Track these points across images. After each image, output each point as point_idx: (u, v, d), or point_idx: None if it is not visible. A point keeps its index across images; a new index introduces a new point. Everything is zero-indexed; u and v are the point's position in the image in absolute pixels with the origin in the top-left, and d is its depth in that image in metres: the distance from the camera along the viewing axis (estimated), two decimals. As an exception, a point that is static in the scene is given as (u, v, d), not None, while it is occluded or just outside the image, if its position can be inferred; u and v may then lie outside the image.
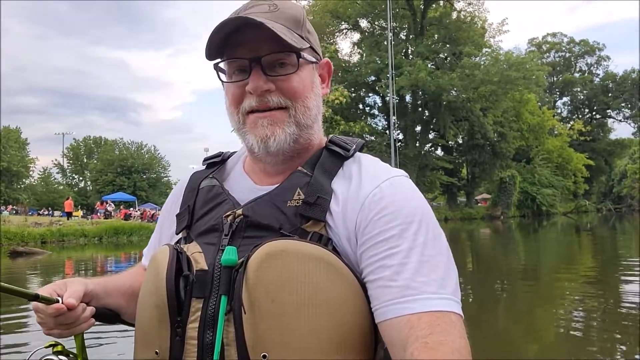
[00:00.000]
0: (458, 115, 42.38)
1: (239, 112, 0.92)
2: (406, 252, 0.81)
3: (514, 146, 47.16)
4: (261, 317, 0.77)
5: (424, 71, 36.94)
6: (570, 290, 8.09)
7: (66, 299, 0.89)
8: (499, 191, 45.93)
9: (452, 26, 42.00)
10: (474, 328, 5.45)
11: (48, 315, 0.89)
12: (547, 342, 5.10)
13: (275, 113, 0.90)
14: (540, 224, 35.34)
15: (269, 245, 0.80)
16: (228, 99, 0.94)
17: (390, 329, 0.78)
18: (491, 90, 38.19)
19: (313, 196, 0.86)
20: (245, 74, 0.90)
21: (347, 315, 0.79)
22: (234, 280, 0.80)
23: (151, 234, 1.15)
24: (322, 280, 0.78)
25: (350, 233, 0.85)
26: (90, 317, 0.94)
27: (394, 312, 0.78)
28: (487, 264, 12.98)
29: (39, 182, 57.56)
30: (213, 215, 0.91)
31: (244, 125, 0.93)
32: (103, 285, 0.99)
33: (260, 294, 0.78)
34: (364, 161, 0.94)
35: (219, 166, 1.04)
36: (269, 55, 0.89)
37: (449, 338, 0.74)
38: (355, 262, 0.84)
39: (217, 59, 0.93)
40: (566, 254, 14.82)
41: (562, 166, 54.73)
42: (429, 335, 0.73)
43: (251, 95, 0.90)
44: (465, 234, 26.31)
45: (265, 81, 0.89)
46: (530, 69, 39.07)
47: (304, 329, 0.77)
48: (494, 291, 8.45)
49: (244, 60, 0.89)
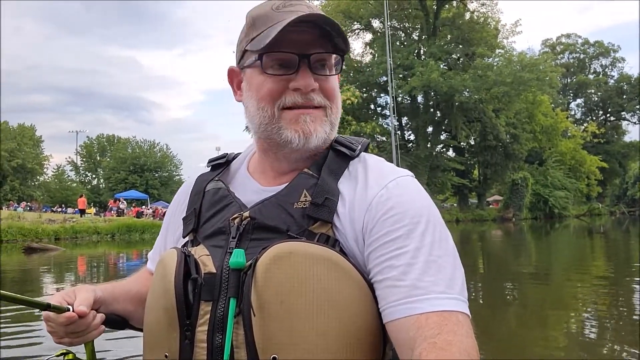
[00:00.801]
0: (470, 116, 42.18)
1: (275, 107, 0.90)
2: (413, 252, 0.81)
3: (527, 148, 46.82)
4: (271, 319, 0.78)
5: (436, 72, 36.80)
6: (582, 293, 8.04)
7: (77, 307, 0.89)
8: (511, 193, 45.58)
9: (465, 27, 41.79)
10: (485, 329, 5.45)
11: (59, 325, 0.89)
12: (558, 344, 5.08)
13: (315, 111, 0.91)
14: (552, 226, 35.05)
15: (277, 247, 0.81)
16: (262, 92, 0.91)
17: (398, 329, 0.78)
18: (504, 92, 37.96)
19: (321, 197, 0.86)
20: (287, 69, 0.89)
21: (355, 316, 0.80)
22: (242, 282, 0.80)
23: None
24: (330, 282, 0.79)
25: (357, 234, 0.86)
26: (100, 325, 0.94)
27: (401, 312, 0.78)
28: (498, 266, 12.92)
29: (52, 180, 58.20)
30: (220, 218, 0.92)
31: (278, 120, 0.90)
32: (111, 291, 1.00)
33: (270, 296, 0.78)
34: (369, 161, 0.94)
35: (224, 168, 1.05)
36: (318, 54, 0.90)
37: (457, 338, 0.74)
38: (362, 262, 0.85)
39: (259, 49, 0.89)
40: (578, 256, 14.70)
41: (575, 168, 54.21)
42: (437, 335, 0.73)
43: (295, 91, 0.90)
44: (476, 236, 26.20)
45: (313, 79, 0.90)
46: (544, 70, 38.78)
47: (313, 330, 0.77)
48: (504, 293, 8.42)
49: (290, 55, 0.89)
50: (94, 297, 0.93)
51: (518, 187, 44.75)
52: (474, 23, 42.26)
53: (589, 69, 72.32)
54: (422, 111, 42.46)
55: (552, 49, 69.18)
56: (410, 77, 38.28)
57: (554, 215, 47.54)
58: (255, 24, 0.92)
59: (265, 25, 0.89)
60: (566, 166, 52.39)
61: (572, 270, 11.27)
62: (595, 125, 64.16)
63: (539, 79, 38.36)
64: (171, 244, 1.05)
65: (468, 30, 41.75)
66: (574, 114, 72.42)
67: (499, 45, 42.96)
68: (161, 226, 1.13)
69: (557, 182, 49.02)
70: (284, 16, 0.88)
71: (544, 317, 6.41)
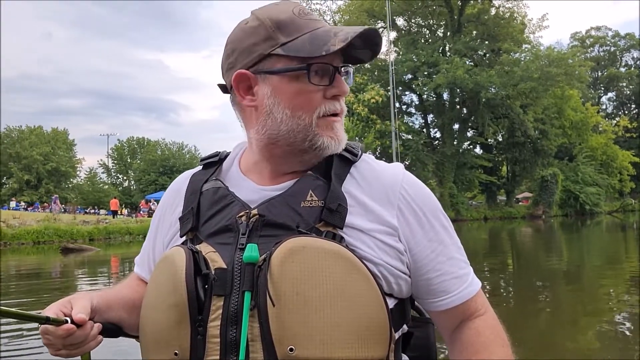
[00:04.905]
0: (497, 112, 41.65)
1: (314, 115, 0.92)
2: (449, 242, 0.95)
3: (556, 144, 45.98)
4: (287, 311, 0.80)
5: (462, 68, 36.47)
6: (615, 292, 7.96)
7: (76, 315, 0.87)
8: (541, 190, 44.77)
9: (490, 22, 41.29)
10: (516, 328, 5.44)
11: (57, 337, 0.87)
12: (590, 343, 5.06)
13: (340, 118, 0.97)
14: (583, 223, 34.36)
15: (291, 241, 0.83)
16: (300, 101, 0.91)
17: (454, 313, 0.94)
18: (531, 87, 37.38)
19: (334, 203, 0.89)
20: (326, 78, 0.91)
21: (365, 308, 0.83)
22: (256, 276, 0.82)
23: None
24: (341, 274, 0.82)
25: (378, 233, 0.90)
26: (97, 335, 0.92)
27: (460, 300, 0.93)
28: (528, 264, 12.82)
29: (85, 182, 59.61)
30: (224, 216, 0.92)
31: (314, 128, 0.92)
32: (105, 299, 0.98)
33: (286, 288, 0.80)
34: (371, 162, 0.99)
35: (217, 167, 1.04)
36: (350, 66, 0.97)
37: (487, 305, 0.98)
38: (370, 259, 0.88)
39: (308, 57, 0.89)
40: (611, 254, 14.44)
41: (606, 164, 52.97)
42: (485, 313, 0.96)
43: (333, 99, 0.93)
44: (505, 233, 25.90)
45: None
46: (572, 64, 38.05)
47: (327, 321, 0.80)
48: (536, 292, 8.35)
49: (327, 65, 0.91)
50: (90, 306, 0.91)
51: (548, 184, 43.95)
52: (500, 18, 41.72)
53: (620, 62, 70.59)
54: (448, 108, 42.10)
55: (581, 43, 67.76)
56: (435, 74, 38.03)
57: (585, 212, 46.50)
58: (282, 28, 0.90)
59: (299, 31, 0.90)
60: (597, 161, 51.23)
61: (605, 268, 11.10)
62: (627, 120, 62.58)
63: (567, 73, 37.66)
64: (160, 246, 1.05)
65: (493, 25, 41.25)
66: (605, 108, 70.77)
67: (525, 40, 42.31)
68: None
69: (588, 178, 47.95)
70: (315, 24, 0.91)
71: (576, 317, 6.38)
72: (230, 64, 0.95)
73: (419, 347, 1.05)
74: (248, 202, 0.92)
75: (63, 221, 24.40)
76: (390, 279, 0.89)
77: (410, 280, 0.93)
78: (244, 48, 0.93)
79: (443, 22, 43.42)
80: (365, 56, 0.97)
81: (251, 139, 0.98)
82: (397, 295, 0.92)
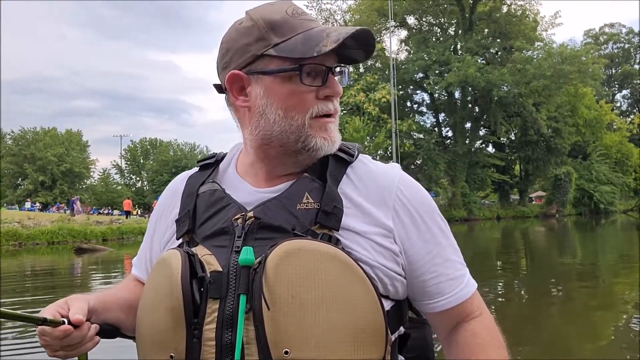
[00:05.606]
0: (509, 111, 41.34)
1: (307, 116, 0.91)
2: (445, 243, 0.95)
3: (570, 142, 45.50)
4: (282, 314, 0.80)
5: (473, 67, 36.25)
6: (629, 291, 7.88)
7: (73, 316, 0.87)
8: (554, 189, 44.30)
9: (502, 20, 40.97)
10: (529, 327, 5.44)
11: (54, 338, 0.86)
12: (603, 343, 5.03)
13: (334, 119, 0.96)
14: (597, 222, 34.00)
15: (286, 244, 0.83)
16: (292, 101, 0.90)
17: (450, 315, 0.94)
18: (544, 85, 37.05)
19: (329, 205, 0.89)
20: (318, 79, 0.91)
21: (361, 310, 0.82)
22: (252, 279, 0.82)
23: None
24: (336, 277, 0.82)
25: (373, 235, 0.90)
26: (95, 336, 0.92)
27: (455, 301, 0.93)
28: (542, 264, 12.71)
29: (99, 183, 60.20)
30: (220, 218, 0.92)
31: (307, 129, 0.91)
32: (102, 300, 0.98)
33: (281, 291, 0.80)
34: (368, 163, 0.98)
35: (213, 168, 1.04)
36: (344, 66, 0.97)
37: (483, 306, 0.98)
38: (366, 261, 0.88)
39: (300, 57, 0.89)
40: (626, 253, 14.26)
41: (621, 162, 52.32)
42: (480, 314, 0.96)
43: (326, 99, 0.92)
44: (518, 233, 25.71)
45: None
46: (586, 62, 37.64)
47: (323, 324, 0.80)
48: (549, 291, 8.30)
49: (319, 66, 0.90)
50: (87, 307, 0.91)
51: (561, 183, 43.50)
52: (512, 16, 41.38)
53: (635, 59, 69.62)
54: (460, 107, 41.85)
55: (594, 40, 66.96)
56: (446, 73, 37.84)
57: (599, 211, 45.94)
58: (275, 28, 0.89)
59: (292, 32, 0.89)
60: (612, 160, 50.62)
61: (620, 267, 11.00)
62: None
63: (580, 71, 37.26)
64: (157, 247, 1.05)
65: (505, 23, 40.92)
66: (620, 106, 69.90)
67: (538, 38, 41.92)
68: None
69: (603, 176, 47.39)
70: (309, 24, 0.91)
71: (590, 316, 6.34)
72: (225, 64, 0.95)
73: (416, 348, 1.05)
74: (244, 205, 0.92)
75: (77, 221, 24.68)
76: (386, 280, 0.89)
77: (405, 282, 0.93)
78: (237, 48, 0.93)
79: (454, 21, 43.17)
80: (359, 56, 0.97)
81: (246, 140, 0.98)
82: (393, 297, 0.91)
